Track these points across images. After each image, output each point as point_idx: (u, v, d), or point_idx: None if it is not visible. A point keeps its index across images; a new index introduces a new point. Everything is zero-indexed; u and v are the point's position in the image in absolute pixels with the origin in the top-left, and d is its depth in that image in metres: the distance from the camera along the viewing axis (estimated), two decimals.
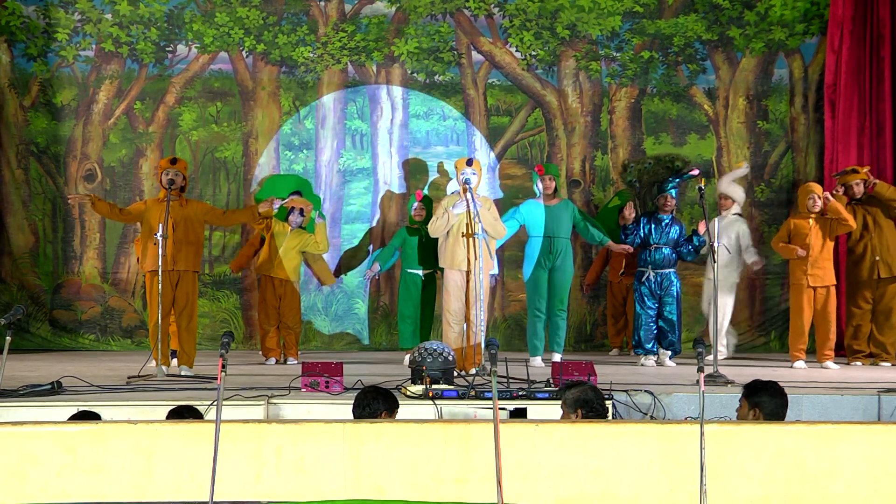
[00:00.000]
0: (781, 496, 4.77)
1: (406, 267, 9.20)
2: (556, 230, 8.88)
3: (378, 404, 5.51)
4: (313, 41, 10.99)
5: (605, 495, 4.78)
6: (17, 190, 10.85)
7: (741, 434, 4.87)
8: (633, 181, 10.74)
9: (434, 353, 6.87)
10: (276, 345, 9.36)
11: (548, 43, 11.01)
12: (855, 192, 9.36)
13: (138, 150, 10.95)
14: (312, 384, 6.73)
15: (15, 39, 10.86)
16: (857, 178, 9.35)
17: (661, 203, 8.96)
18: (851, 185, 9.35)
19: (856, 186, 9.35)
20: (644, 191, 10.64)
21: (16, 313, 5.37)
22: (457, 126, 11.07)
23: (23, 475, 4.74)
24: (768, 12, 10.97)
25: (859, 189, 9.35)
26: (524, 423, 5.19)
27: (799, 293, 8.95)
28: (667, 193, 8.93)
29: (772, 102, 11.06)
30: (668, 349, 8.95)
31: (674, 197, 8.97)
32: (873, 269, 9.31)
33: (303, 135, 11.04)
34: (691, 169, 9.45)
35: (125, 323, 10.87)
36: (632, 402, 6.52)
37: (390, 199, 10.95)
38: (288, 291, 9.32)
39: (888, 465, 4.80)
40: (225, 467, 4.56)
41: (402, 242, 9.23)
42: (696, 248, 8.91)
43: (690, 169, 9.42)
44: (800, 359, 8.91)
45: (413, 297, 9.12)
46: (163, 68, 10.97)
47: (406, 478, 4.78)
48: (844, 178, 9.43)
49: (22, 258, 10.84)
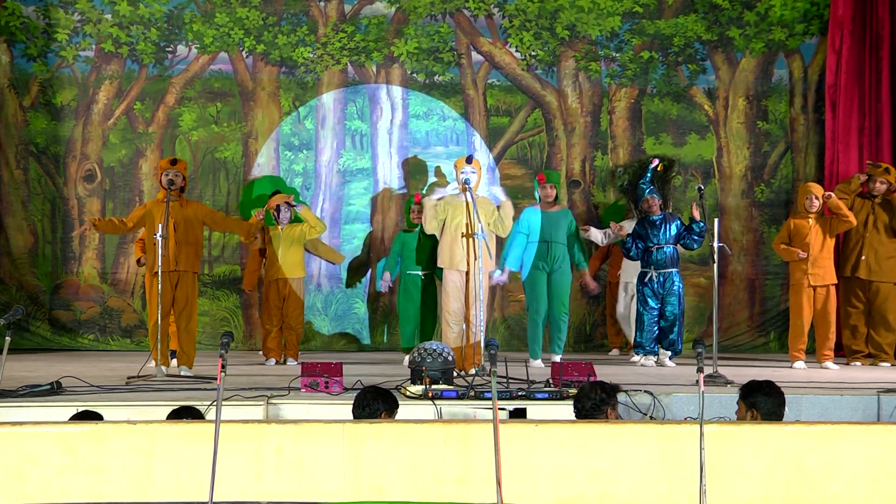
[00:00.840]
0: (781, 496, 4.77)
1: (405, 268, 9.20)
2: (555, 236, 8.89)
3: (378, 404, 5.51)
4: (313, 41, 10.99)
5: (604, 496, 4.78)
6: (17, 190, 10.85)
7: (741, 434, 4.87)
8: (624, 185, 10.72)
9: (433, 354, 6.88)
10: (277, 345, 9.36)
11: (547, 43, 11.01)
12: (874, 188, 9.32)
13: (138, 151, 10.95)
14: (312, 384, 6.73)
15: (15, 40, 10.86)
16: (884, 178, 9.31)
17: (645, 207, 8.98)
18: (876, 180, 9.31)
19: (879, 184, 9.31)
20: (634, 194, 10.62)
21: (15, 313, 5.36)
22: (456, 126, 11.07)
23: (23, 475, 4.74)
24: (768, 13, 10.98)
25: (881, 188, 9.32)
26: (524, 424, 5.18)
27: (799, 293, 8.94)
28: (646, 197, 8.93)
29: (771, 103, 11.06)
30: (669, 349, 8.95)
31: (655, 197, 8.95)
32: (857, 266, 9.31)
33: (302, 135, 11.04)
34: (651, 162, 9.41)
35: (124, 323, 10.87)
36: (631, 403, 6.52)
37: (390, 199, 10.95)
38: (292, 291, 9.33)
39: (888, 466, 4.80)
40: (224, 468, 4.56)
41: (402, 246, 9.24)
42: (699, 233, 8.81)
43: (651, 163, 9.39)
44: (799, 359, 8.90)
45: (413, 298, 9.13)
46: (163, 69, 10.97)
47: (406, 478, 4.78)
48: (874, 171, 9.38)
49: (21, 258, 10.83)
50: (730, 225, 10.92)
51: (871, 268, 9.31)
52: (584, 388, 5.80)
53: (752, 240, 11.01)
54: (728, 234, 10.78)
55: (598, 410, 5.57)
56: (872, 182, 9.34)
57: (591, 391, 5.69)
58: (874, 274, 9.32)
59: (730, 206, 10.98)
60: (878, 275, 9.31)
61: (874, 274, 9.32)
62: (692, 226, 8.82)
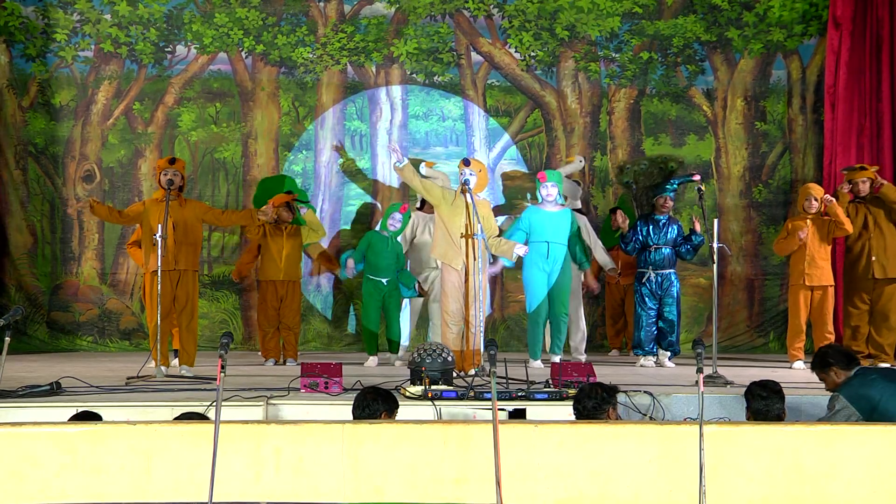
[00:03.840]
0: (781, 496, 4.77)
1: (368, 272, 9.04)
2: (556, 236, 8.87)
3: (378, 405, 5.50)
4: (312, 42, 11.00)
5: (604, 496, 4.77)
6: (16, 190, 10.84)
7: (740, 435, 4.87)
8: (629, 182, 10.75)
9: (433, 354, 6.87)
10: (276, 346, 9.35)
11: (547, 44, 11.01)
12: (860, 190, 9.34)
13: (137, 151, 10.95)
14: (311, 385, 6.73)
15: (14, 40, 10.87)
16: (864, 176, 9.32)
17: (659, 204, 8.96)
18: (857, 182, 9.34)
19: (862, 184, 9.33)
20: (640, 192, 10.64)
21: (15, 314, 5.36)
22: (456, 127, 11.07)
23: (22, 475, 4.74)
24: (767, 13, 10.99)
25: (865, 187, 9.33)
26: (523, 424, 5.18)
27: (796, 293, 8.96)
28: (666, 195, 8.93)
29: (770, 103, 11.07)
30: (668, 350, 8.95)
31: (672, 199, 8.99)
32: (869, 269, 9.31)
33: (302, 135, 11.04)
34: (691, 172, 9.44)
35: (123, 325, 10.87)
36: (631, 403, 6.52)
37: (389, 198, 10.94)
38: (289, 293, 9.30)
39: (887, 466, 4.80)
40: (224, 468, 4.56)
41: (367, 246, 9.09)
42: (695, 246, 8.93)
43: (690, 172, 9.41)
44: (798, 359, 8.91)
45: (375, 303, 9.00)
46: (162, 69, 10.97)
47: (405, 478, 4.78)
48: (852, 175, 9.40)
49: (20, 259, 10.83)
50: (728, 225, 10.93)
51: (884, 266, 9.29)
52: (584, 389, 5.80)
53: (750, 240, 11.03)
54: (727, 234, 10.79)
55: (600, 410, 5.58)
56: (856, 186, 9.36)
57: (591, 391, 5.69)
58: (890, 271, 9.29)
59: (728, 207, 10.99)
60: (893, 271, 9.30)
61: (890, 271, 9.29)
62: (691, 237, 8.86)
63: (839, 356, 6.17)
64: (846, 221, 8.89)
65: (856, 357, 6.23)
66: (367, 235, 9.15)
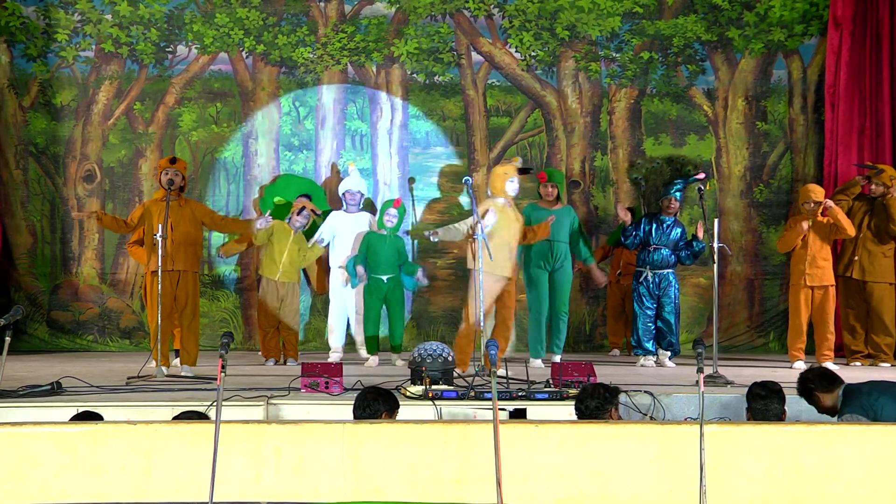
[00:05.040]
0: (781, 496, 4.78)
1: (370, 271, 9.03)
2: (557, 235, 8.86)
3: (379, 405, 5.51)
4: (313, 42, 10.99)
5: (604, 496, 4.78)
6: (16, 190, 10.84)
7: (741, 434, 4.88)
8: (638, 178, 10.73)
9: (434, 354, 6.88)
10: (276, 346, 9.35)
11: (547, 44, 11.01)
12: (873, 191, 9.34)
13: (138, 151, 10.95)
14: (312, 385, 6.73)
15: (14, 40, 10.86)
16: (880, 180, 9.31)
17: (664, 205, 8.93)
18: (873, 182, 9.33)
19: (876, 186, 9.33)
20: (649, 191, 10.63)
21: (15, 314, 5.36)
22: (456, 127, 11.07)
23: (22, 475, 4.74)
24: (767, 13, 10.98)
25: (878, 190, 9.33)
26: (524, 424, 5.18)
27: (797, 293, 8.95)
28: (671, 196, 8.89)
29: (770, 103, 11.07)
30: (668, 350, 8.95)
31: (678, 200, 8.94)
32: (850, 266, 9.31)
33: (302, 135, 11.04)
34: (697, 173, 9.41)
35: (123, 324, 10.86)
36: (631, 403, 6.52)
37: None
38: (289, 293, 9.29)
39: (888, 466, 4.80)
40: (224, 468, 4.56)
41: (367, 247, 9.07)
42: (696, 252, 8.88)
43: (697, 173, 9.38)
44: (799, 359, 8.90)
45: (378, 301, 9.00)
46: (163, 69, 10.97)
47: (405, 478, 4.78)
48: (872, 173, 9.40)
49: (20, 259, 10.83)
50: (729, 225, 10.92)
51: (864, 268, 9.31)
52: (586, 389, 5.81)
53: (751, 240, 11.02)
54: (727, 234, 10.78)
55: (602, 410, 5.58)
56: (870, 184, 9.36)
57: (594, 391, 5.69)
58: (868, 274, 9.32)
59: (729, 207, 10.99)
60: (871, 275, 9.32)
61: (868, 274, 9.32)
62: (693, 242, 8.83)
63: (819, 379, 6.05)
64: (848, 226, 8.86)
65: (837, 377, 6.09)
66: (364, 238, 9.15)
